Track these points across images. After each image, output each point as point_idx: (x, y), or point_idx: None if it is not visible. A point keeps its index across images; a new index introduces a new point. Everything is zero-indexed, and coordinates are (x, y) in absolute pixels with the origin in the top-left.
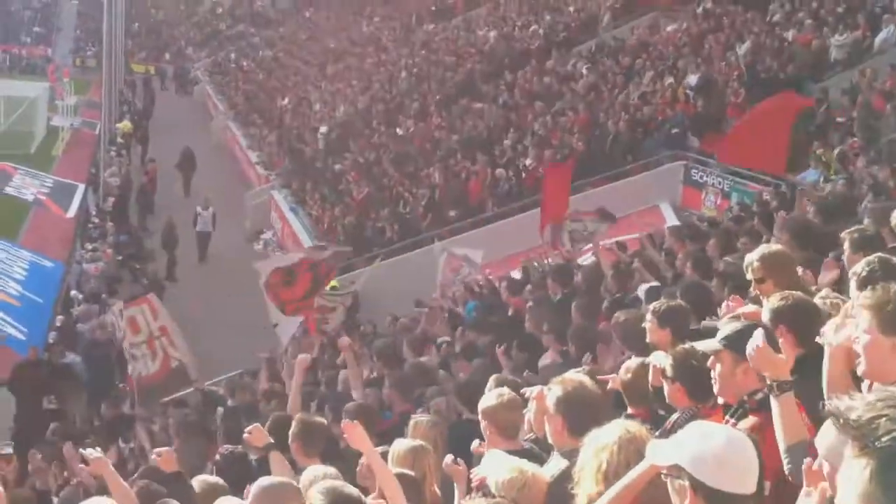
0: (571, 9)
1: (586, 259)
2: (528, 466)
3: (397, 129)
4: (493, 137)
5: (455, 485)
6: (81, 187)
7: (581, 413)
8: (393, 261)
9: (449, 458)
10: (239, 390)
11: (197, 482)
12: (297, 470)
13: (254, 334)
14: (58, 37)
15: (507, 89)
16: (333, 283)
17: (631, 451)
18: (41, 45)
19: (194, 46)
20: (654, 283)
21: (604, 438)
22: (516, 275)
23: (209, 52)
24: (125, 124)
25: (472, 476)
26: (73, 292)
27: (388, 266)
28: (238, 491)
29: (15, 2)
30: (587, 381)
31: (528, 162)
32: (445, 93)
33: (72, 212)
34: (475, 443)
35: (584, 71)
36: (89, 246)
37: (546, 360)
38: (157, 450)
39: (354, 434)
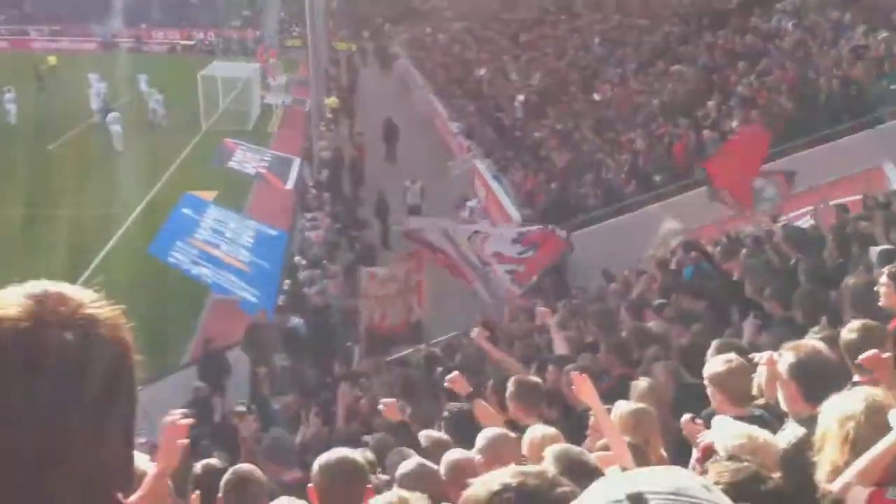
0: None
1: (803, 222)
2: (759, 433)
3: (594, 95)
4: (695, 100)
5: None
6: (297, 160)
7: (817, 379)
8: (599, 227)
9: (686, 416)
10: (459, 351)
11: (423, 437)
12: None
13: (465, 298)
14: (264, 19)
15: (706, 50)
16: None
17: (879, 421)
18: (249, 27)
19: (391, 22)
20: (888, 246)
21: (849, 406)
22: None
23: (406, 27)
24: (332, 100)
25: (698, 441)
26: (296, 258)
27: (593, 232)
28: (463, 446)
29: None
30: (822, 346)
31: (734, 124)
32: (642, 57)
33: (290, 183)
34: (685, 416)
35: (790, 27)
36: (308, 215)
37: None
38: (384, 400)
39: (584, 387)
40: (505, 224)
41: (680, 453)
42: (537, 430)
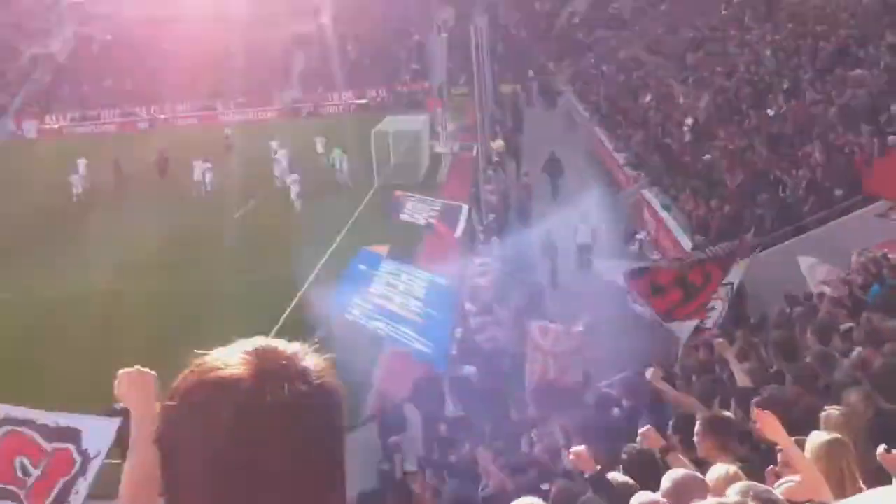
0: None
1: None
2: None
3: (768, 110)
4: (878, 104)
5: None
6: (465, 207)
7: None
8: (778, 248)
9: (882, 447)
10: (633, 391)
11: (610, 480)
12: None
13: (642, 335)
14: (433, 70)
15: (887, 50)
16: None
17: None
18: (419, 79)
19: (555, 59)
20: None
21: None
22: None
23: (570, 62)
24: (498, 143)
25: None
26: (467, 305)
27: (773, 254)
28: (646, 487)
29: (393, 44)
30: None
31: None
32: (818, 65)
33: (459, 231)
34: (881, 448)
35: None
36: (478, 261)
37: None
38: (574, 449)
39: (768, 423)
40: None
41: (880, 484)
42: (720, 470)
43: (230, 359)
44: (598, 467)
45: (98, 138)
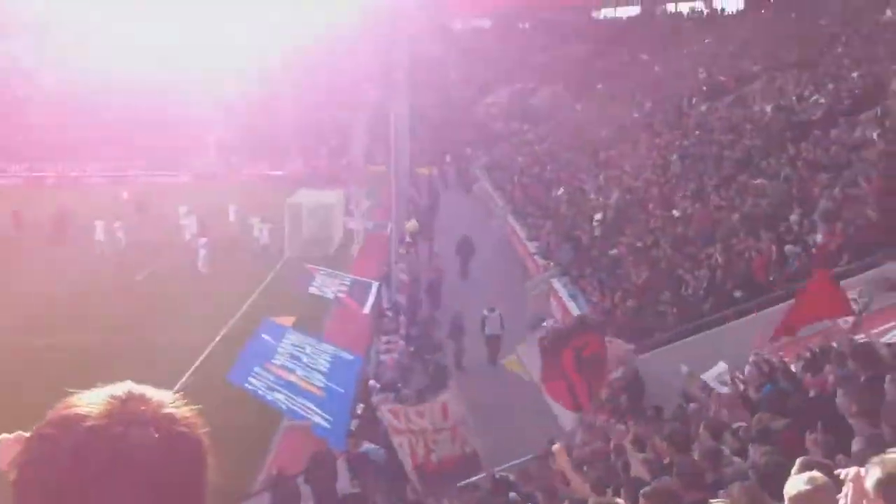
0: (855, 75)
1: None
2: None
3: (674, 212)
4: (778, 213)
5: None
6: (375, 283)
7: None
8: (676, 344)
9: None
10: (532, 477)
11: None
12: None
13: (539, 420)
14: (351, 147)
15: (788, 163)
16: None
17: None
18: (337, 155)
19: (472, 146)
20: None
21: None
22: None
23: (486, 150)
24: (412, 223)
25: None
26: (371, 382)
27: (671, 350)
28: None
29: (316, 121)
30: None
31: (818, 237)
32: (723, 171)
33: (367, 307)
34: None
35: (875, 137)
36: (384, 338)
37: (859, 444)
38: None
39: None
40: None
41: None
42: None
43: (93, 399)
44: None
45: (2, 190)
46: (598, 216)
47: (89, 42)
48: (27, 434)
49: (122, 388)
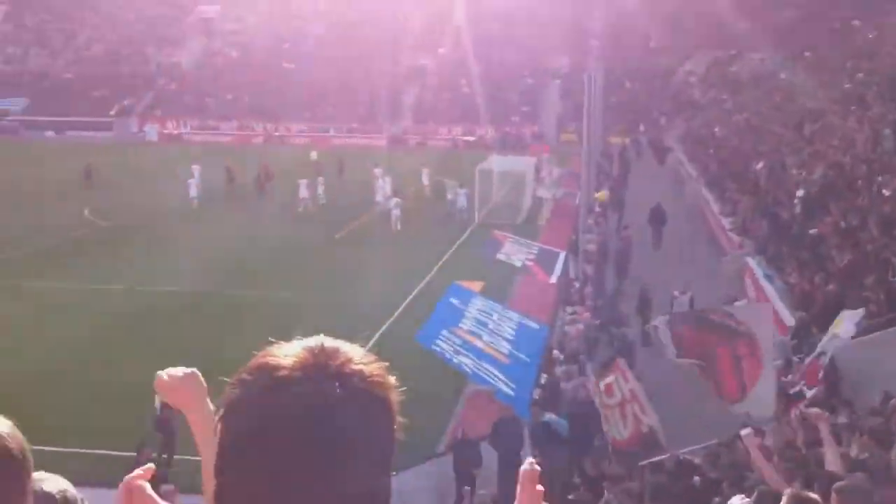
0: None
1: None
2: None
3: (883, 191)
4: None
5: None
6: (563, 253)
7: None
8: (880, 333)
9: None
10: (719, 462)
11: None
12: None
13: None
14: (543, 115)
15: None
16: None
17: None
18: (528, 123)
19: (668, 116)
20: None
21: None
22: None
23: (682, 120)
24: (602, 193)
25: None
26: (555, 352)
27: (875, 339)
28: None
29: (506, 87)
30: None
31: None
32: None
33: (554, 277)
34: None
35: None
36: (570, 309)
37: None
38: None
39: None
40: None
41: None
42: None
43: (288, 350)
44: None
45: (214, 147)
46: (799, 192)
47: (292, 8)
48: (190, 371)
49: (315, 340)
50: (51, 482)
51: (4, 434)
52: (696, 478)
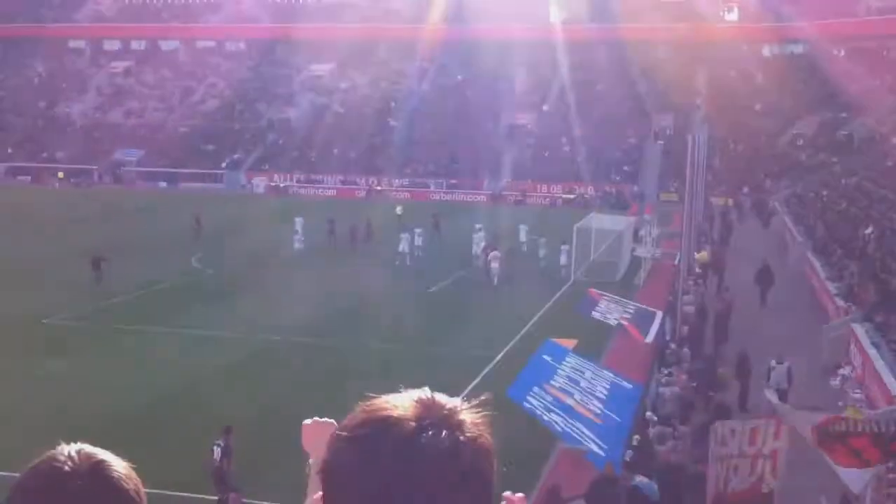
0: None
1: None
2: None
3: None
4: None
5: None
6: (660, 314)
7: None
8: None
9: None
10: None
11: None
12: None
13: (822, 473)
14: (645, 174)
15: None
16: None
17: None
18: (629, 182)
19: (773, 178)
20: None
21: None
22: None
23: (788, 182)
24: (703, 254)
25: None
26: (648, 413)
27: None
28: None
29: (607, 146)
30: None
31: None
32: None
33: (650, 337)
34: None
35: None
36: (665, 370)
37: None
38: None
39: None
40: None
41: None
42: None
43: (398, 401)
44: None
45: (319, 200)
46: None
47: (399, 67)
48: (332, 421)
49: (423, 392)
50: None
51: (123, 475)
52: None
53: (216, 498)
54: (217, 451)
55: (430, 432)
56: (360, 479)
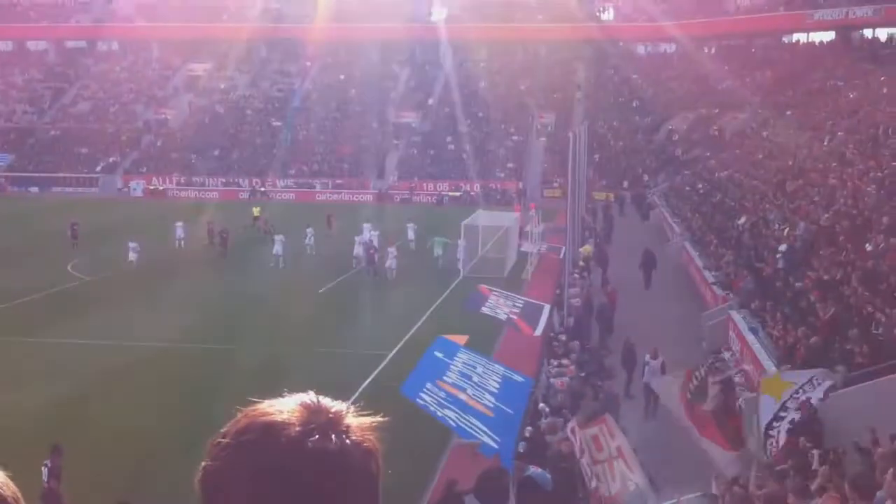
0: None
1: None
2: None
3: (866, 246)
4: None
5: None
6: (547, 307)
7: None
8: (862, 385)
9: None
10: None
11: None
12: None
13: (698, 458)
14: (528, 171)
15: None
16: None
17: None
18: (513, 179)
19: (651, 173)
20: None
21: None
22: None
23: (665, 177)
24: (587, 248)
25: None
26: (540, 405)
27: (859, 390)
28: None
29: (492, 143)
30: None
31: None
32: None
33: (539, 330)
34: None
35: None
36: (555, 362)
37: None
38: None
39: None
40: None
41: None
42: None
43: (282, 406)
44: None
45: (199, 203)
46: (782, 247)
47: (280, 67)
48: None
49: (308, 397)
50: None
51: (0, 482)
52: None
53: None
54: (45, 472)
55: (316, 436)
56: (242, 486)
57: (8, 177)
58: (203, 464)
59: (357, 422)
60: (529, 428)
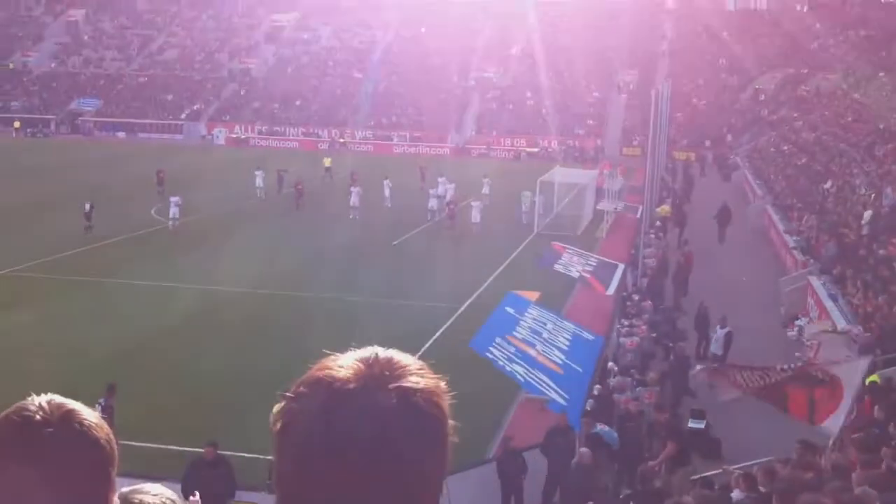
0: None
1: None
2: None
3: None
4: None
5: None
6: (621, 266)
7: None
8: None
9: None
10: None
11: None
12: None
13: (780, 423)
14: (608, 128)
15: None
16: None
17: None
18: (592, 136)
19: (735, 133)
20: None
21: None
22: None
23: (750, 137)
24: (664, 208)
25: None
26: (609, 364)
27: None
28: None
29: (572, 99)
30: None
31: None
32: None
33: (612, 289)
34: None
35: None
36: (626, 322)
37: None
38: None
39: None
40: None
41: None
42: None
43: (343, 361)
44: None
45: (280, 152)
46: (867, 213)
47: (363, 18)
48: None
49: (370, 351)
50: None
51: (94, 423)
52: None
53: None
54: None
55: (370, 393)
56: (298, 439)
57: (97, 122)
58: (273, 411)
59: (416, 380)
60: (598, 386)
